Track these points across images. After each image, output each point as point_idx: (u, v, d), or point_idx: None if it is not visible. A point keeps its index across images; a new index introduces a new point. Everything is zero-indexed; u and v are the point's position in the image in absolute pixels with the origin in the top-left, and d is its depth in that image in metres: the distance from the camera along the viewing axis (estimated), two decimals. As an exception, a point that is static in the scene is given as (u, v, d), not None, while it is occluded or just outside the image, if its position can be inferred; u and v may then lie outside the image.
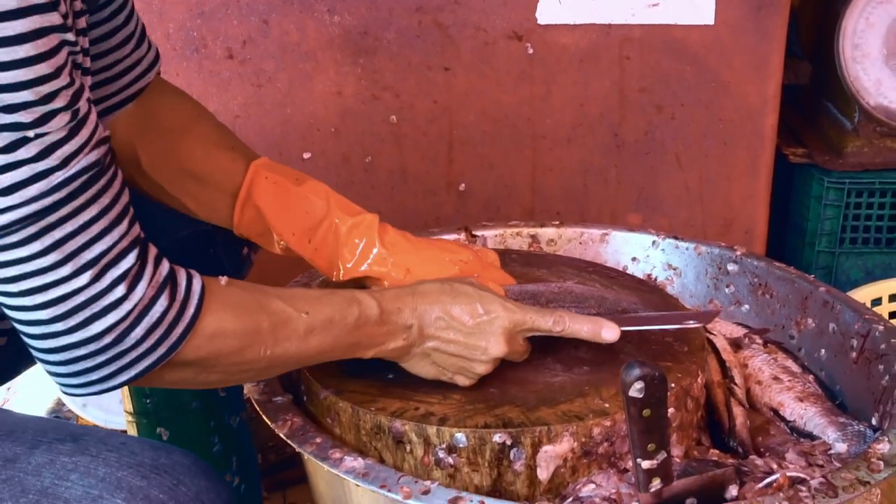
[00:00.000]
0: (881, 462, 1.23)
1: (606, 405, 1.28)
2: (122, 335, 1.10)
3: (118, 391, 1.90)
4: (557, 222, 1.83)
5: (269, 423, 1.32)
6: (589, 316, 1.35)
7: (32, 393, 2.36)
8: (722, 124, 2.36)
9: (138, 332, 1.11)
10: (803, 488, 1.18)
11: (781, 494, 1.17)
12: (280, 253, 1.49)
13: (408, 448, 1.27)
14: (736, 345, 1.59)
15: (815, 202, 2.52)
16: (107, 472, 1.16)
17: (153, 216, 1.53)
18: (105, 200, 1.10)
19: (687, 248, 1.76)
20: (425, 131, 2.32)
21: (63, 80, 1.05)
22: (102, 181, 1.10)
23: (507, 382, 1.33)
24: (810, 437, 1.42)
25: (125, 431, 1.73)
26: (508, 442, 1.24)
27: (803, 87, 2.76)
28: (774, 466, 1.29)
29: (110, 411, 2.20)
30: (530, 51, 2.28)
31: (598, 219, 2.39)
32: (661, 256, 1.78)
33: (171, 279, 1.14)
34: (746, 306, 1.72)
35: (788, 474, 1.25)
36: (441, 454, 1.25)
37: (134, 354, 1.12)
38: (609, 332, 1.33)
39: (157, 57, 1.51)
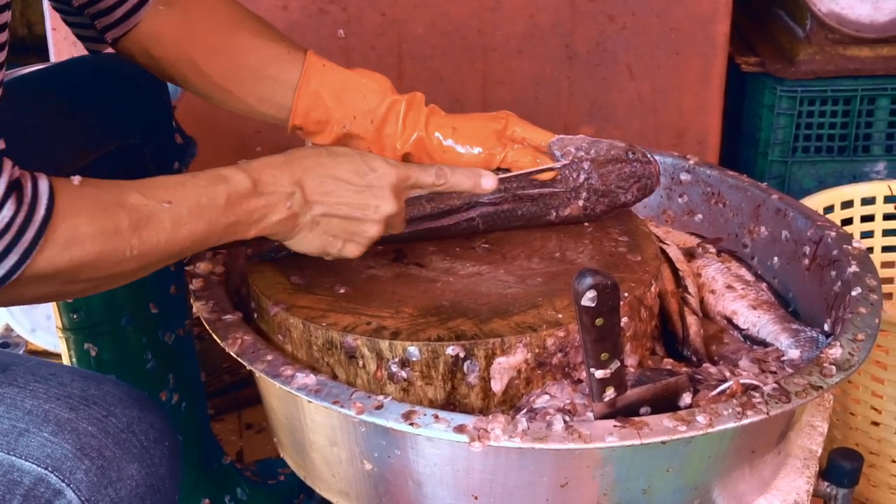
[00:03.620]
0: (833, 367, 1.24)
1: (560, 316, 1.27)
2: None
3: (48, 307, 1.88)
4: (509, 134, 1.81)
5: (218, 341, 1.30)
6: (470, 168, 1.36)
7: (-20, 318, 2.33)
8: (674, 33, 2.34)
9: None
10: (756, 395, 1.18)
11: (735, 401, 1.17)
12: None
13: (360, 363, 1.25)
14: (689, 254, 1.59)
15: (767, 111, 2.52)
16: (34, 404, 1.13)
17: (82, 128, 1.50)
18: None
19: (640, 158, 1.74)
20: (374, 45, 2.28)
21: None
22: None
23: (460, 295, 1.32)
24: (764, 344, 1.43)
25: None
26: (462, 354, 1.23)
27: (756, -6, 2.74)
28: (728, 374, 1.30)
29: (60, 335, 2.18)
30: (479, -40, 2.25)
31: (551, 131, 2.37)
32: (613, 167, 1.77)
33: (17, 184, 1.07)
34: (700, 216, 1.71)
35: (742, 381, 1.25)
36: (394, 368, 1.24)
37: None
38: (487, 181, 1.35)
39: None
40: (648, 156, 1.51)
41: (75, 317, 1.65)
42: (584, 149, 1.48)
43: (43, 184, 1.09)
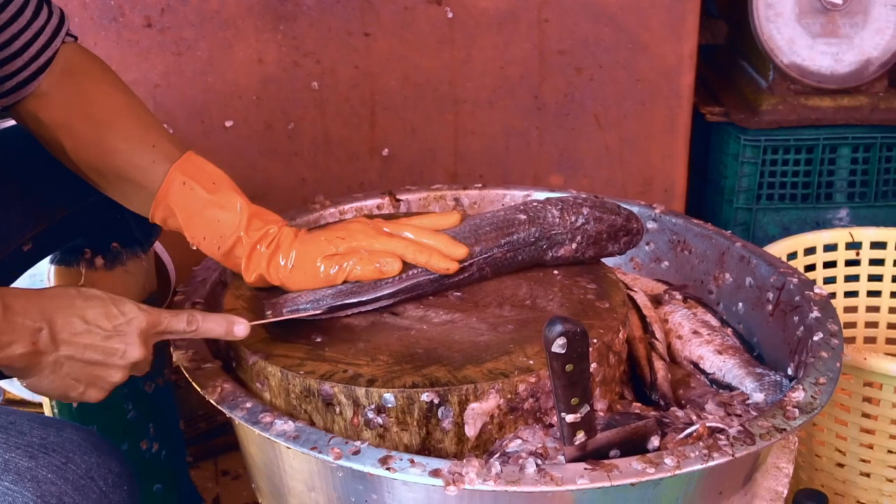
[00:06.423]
0: (796, 410, 1.27)
1: (531, 362, 1.30)
2: None
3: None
4: (480, 185, 1.84)
5: (198, 389, 1.33)
6: (222, 314, 1.33)
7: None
8: (640, 84, 2.39)
9: None
10: (722, 437, 1.21)
11: (701, 444, 1.20)
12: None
13: (337, 410, 1.28)
14: (656, 301, 1.62)
15: (732, 160, 2.57)
16: None
17: (61, 181, 1.52)
18: None
19: (607, 208, 1.78)
20: (347, 97, 2.32)
21: None
22: None
23: (434, 342, 1.35)
24: (729, 388, 1.45)
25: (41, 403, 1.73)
26: (436, 400, 1.26)
27: (720, 46, 2.80)
28: (694, 417, 1.32)
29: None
30: (450, 14, 2.29)
31: (521, 181, 2.41)
32: (582, 216, 1.80)
33: None
34: (666, 263, 1.75)
35: (708, 424, 1.28)
36: (370, 415, 1.27)
37: None
38: (239, 328, 1.31)
39: (61, 21, 1.47)
40: (634, 214, 1.56)
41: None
42: (581, 195, 1.54)
43: None
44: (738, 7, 2.56)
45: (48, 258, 1.67)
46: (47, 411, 1.70)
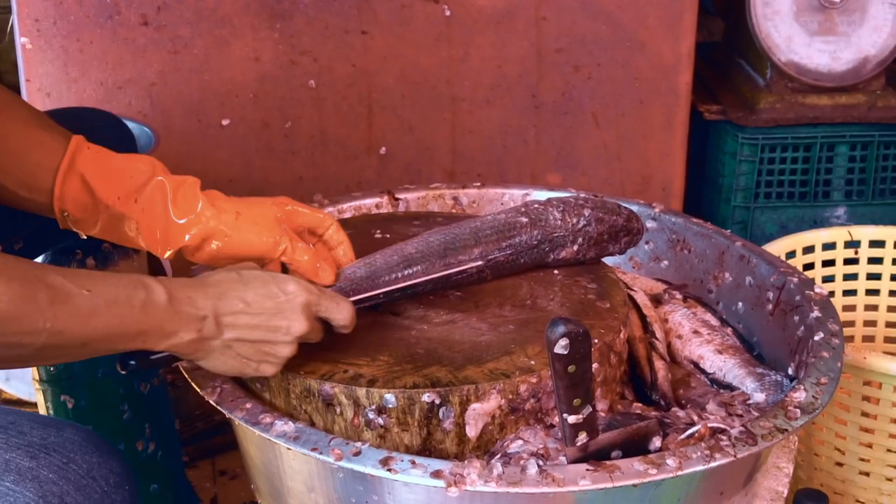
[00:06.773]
0: (798, 410, 1.27)
1: (532, 362, 1.30)
2: None
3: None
4: (479, 184, 1.84)
5: (198, 390, 1.32)
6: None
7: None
8: (638, 83, 2.39)
9: None
10: (724, 437, 1.21)
11: (703, 444, 1.20)
12: (96, 234, 1.42)
13: (338, 410, 1.28)
14: (656, 300, 1.62)
15: (730, 158, 2.57)
16: None
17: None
18: None
19: (606, 207, 1.78)
20: (344, 95, 2.32)
21: None
22: None
23: (435, 343, 1.35)
24: (730, 388, 1.45)
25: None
26: (437, 401, 1.25)
27: (717, 44, 2.80)
28: (696, 418, 1.32)
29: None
30: (447, 13, 2.29)
31: (519, 179, 2.41)
32: (581, 215, 1.80)
33: None
34: (665, 262, 1.75)
35: (709, 425, 1.28)
36: (371, 415, 1.26)
37: None
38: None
39: None
40: (635, 213, 1.56)
41: (52, 369, 1.66)
42: (581, 195, 1.54)
43: None
44: (735, 4, 2.57)
45: (39, 259, 1.67)
46: (42, 411, 1.69)
